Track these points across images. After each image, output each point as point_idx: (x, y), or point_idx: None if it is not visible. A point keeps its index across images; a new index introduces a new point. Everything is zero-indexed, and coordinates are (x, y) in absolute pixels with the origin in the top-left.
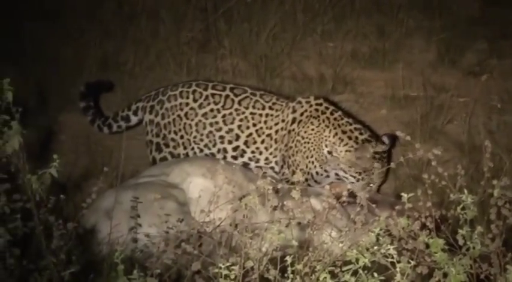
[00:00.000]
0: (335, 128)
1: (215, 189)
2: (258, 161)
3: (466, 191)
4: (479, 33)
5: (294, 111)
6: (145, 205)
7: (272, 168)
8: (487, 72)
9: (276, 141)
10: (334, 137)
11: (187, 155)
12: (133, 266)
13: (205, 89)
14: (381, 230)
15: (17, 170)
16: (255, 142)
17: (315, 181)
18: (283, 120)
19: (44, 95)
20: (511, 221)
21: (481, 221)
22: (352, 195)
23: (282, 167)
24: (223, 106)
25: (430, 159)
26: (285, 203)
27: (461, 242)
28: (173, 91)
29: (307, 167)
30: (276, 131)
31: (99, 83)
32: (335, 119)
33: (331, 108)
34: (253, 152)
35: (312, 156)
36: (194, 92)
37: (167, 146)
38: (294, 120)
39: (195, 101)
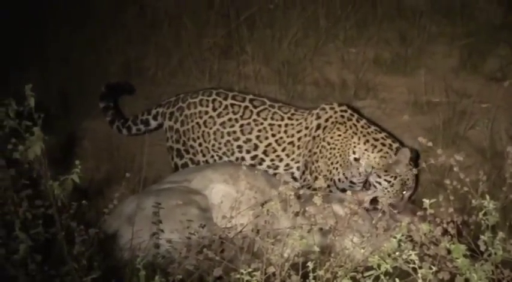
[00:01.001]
0: (364, 136)
1: (237, 195)
2: (277, 168)
3: (488, 197)
4: (501, 39)
5: (318, 117)
6: (167, 211)
7: (292, 173)
8: (510, 78)
9: (298, 148)
10: (365, 144)
11: (206, 162)
12: (155, 272)
13: (225, 99)
14: (402, 235)
15: (39, 176)
16: (275, 151)
17: (337, 188)
18: (306, 127)
19: (66, 101)
20: None
21: (503, 226)
22: (374, 202)
23: (303, 172)
24: (241, 116)
25: (452, 165)
26: (306, 208)
27: (483, 247)
28: (193, 98)
29: (330, 173)
30: (299, 138)
31: (120, 85)
32: (362, 126)
33: (356, 115)
34: (272, 160)
35: (337, 163)
36: (214, 101)
37: (187, 152)
38: (318, 126)
39: (214, 109)
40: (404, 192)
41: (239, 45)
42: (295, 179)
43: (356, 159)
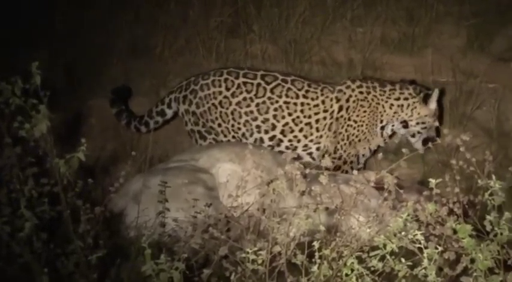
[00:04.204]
0: (386, 101)
1: (243, 174)
2: (295, 148)
3: (494, 177)
4: (509, 19)
5: (338, 100)
6: (173, 190)
7: (310, 153)
8: None
9: (317, 130)
10: (391, 108)
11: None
12: (161, 251)
13: (237, 77)
14: (408, 215)
15: (44, 154)
16: (292, 131)
17: (359, 163)
18: (325, 110)
19: (73, 79)
20: None
21: (509, 206)
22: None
23: (330, 154)
24: (255, 95)
25: (458, 145)
26: (313, 187)
27: (488, 227)
28: (205, 80)
29: (355, 149)
30: (317, 120)
31: (122, 88)
32: (380, 94)
33: (370, 84)
34: (290, 140)
35: (365, 139)
36: (226, 80)
37: (209, 133)
38: (341, 108)
39: (227, 89)
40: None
41: (246, 24)
42: (314, 159)
43: (382, 127)
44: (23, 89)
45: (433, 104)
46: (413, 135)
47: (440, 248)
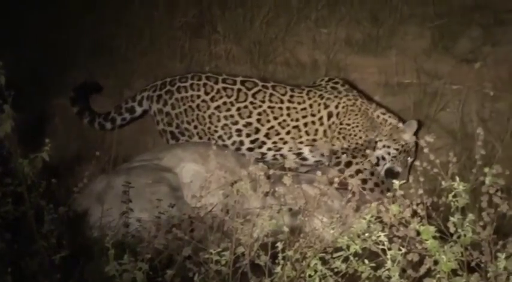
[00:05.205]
0: (375, 110)
1: (207, 175)
2: (279, 149)
3: (457, 179)
4: (473, 21)
5: (327, 106)
6: (137, 190)
7: (300, 154)
8: (481, 60)
9: (307, 133)
10: (378, 118)
11: None
12: (124, 251)
13: (216, 83)
14: (372, 216)
15: (8, 154)
16: (278, 133)
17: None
18: (313, 115)
19: (37, 79)
20: (502, 209)
21: (473, 208)
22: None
23: (336, 157)
24: (236, 99)
25: (422, 147)
26: (276, 188)
27: (452, 229)
28: (182, 82)
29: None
30: (305, 124)
31: (87, 85)
32: (369, 103)
33: (359, 98)
34: (274, 142)
35: (360, 138)
36: (205, 85)
37: (183, 134)
38: (330, 115)
39: (206, 94)
40: (409, 159)
41: (211, 24)
42: (303, 159)
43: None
44: None
45: (407, 135)
46: (377, 164)
47: (403, 250)
